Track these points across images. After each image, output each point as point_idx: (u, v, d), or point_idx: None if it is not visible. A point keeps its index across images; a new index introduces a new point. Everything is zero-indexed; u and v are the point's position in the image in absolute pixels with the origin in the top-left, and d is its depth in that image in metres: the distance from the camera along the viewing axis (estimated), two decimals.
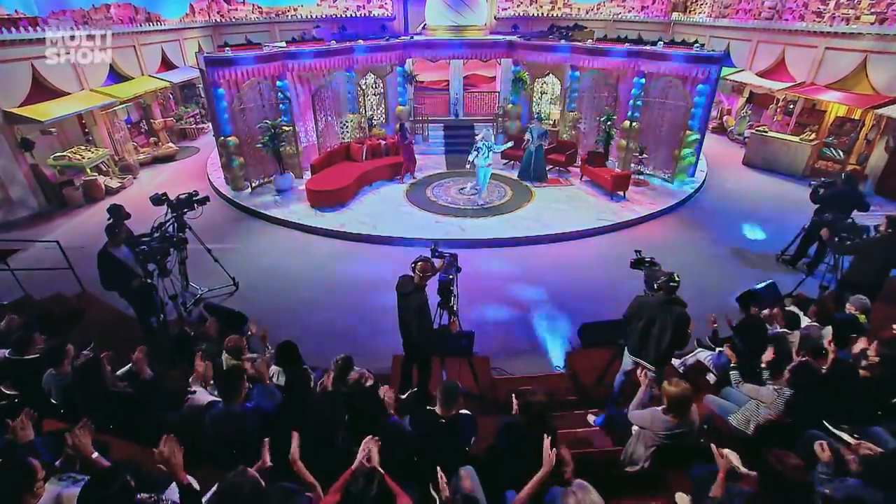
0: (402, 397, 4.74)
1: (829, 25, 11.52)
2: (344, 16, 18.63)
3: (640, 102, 10.99)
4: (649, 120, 11.29)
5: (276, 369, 4.10)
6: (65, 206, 10.51)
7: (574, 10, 18.97)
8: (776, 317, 4.50)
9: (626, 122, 11.17)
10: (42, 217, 10.09)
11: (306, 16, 18.35)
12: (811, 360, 3.67)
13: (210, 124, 14.72)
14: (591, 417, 4.39)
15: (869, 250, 5.74)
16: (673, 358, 4.78)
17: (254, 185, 10.92)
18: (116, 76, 12.32)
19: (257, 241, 9.07)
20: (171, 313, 5.78)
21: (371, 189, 10.97)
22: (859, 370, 3.39)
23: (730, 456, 3.14)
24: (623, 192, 10.38)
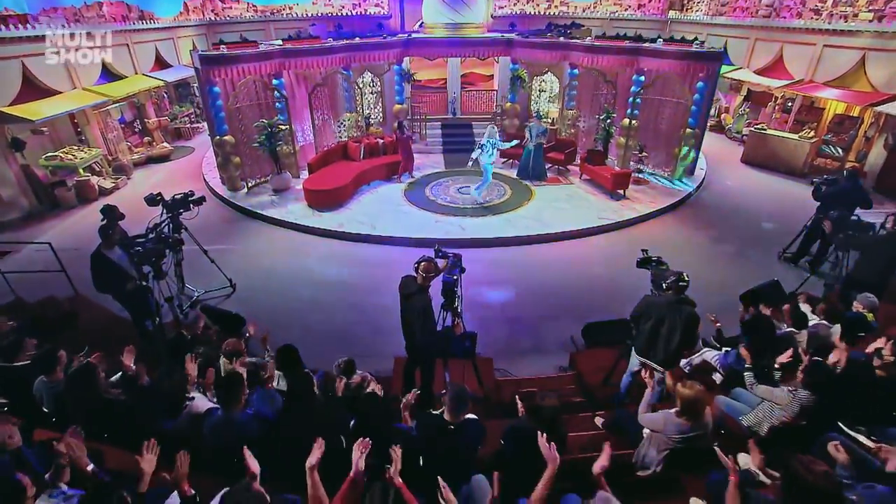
0: (403, 400, 4.63)
1: (827, 23, 11.52)
2: (339, 14, 18.51)
3: (639, 100, 10.94)
4: (649, 118, 11.24)
5: (276, 373, 3.99)
6: (57, 207, 10.33)
7: (571, 9, 18.96)
8: (787, 313, 4.43)
9: (626, 119, 11.11)
10: (34, 218, 9.89)
11: (301, 14, 18.21)
12: (821, 359, 3.60)
13: (205, 123, 14.56)
14: (599, 420, 4.30)
15: (874, 248, 5.70)
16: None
17: (250, 184, 10.78)
18: (109, 75, 12.13)
19: (254, 242, 8.94)
20: (166, 316, 5.66)
21: (369, 189, 10.85)
22: (875, 370, 3.32)
23: (744, 458, 3.08)
24: (623, 191, 10.32)
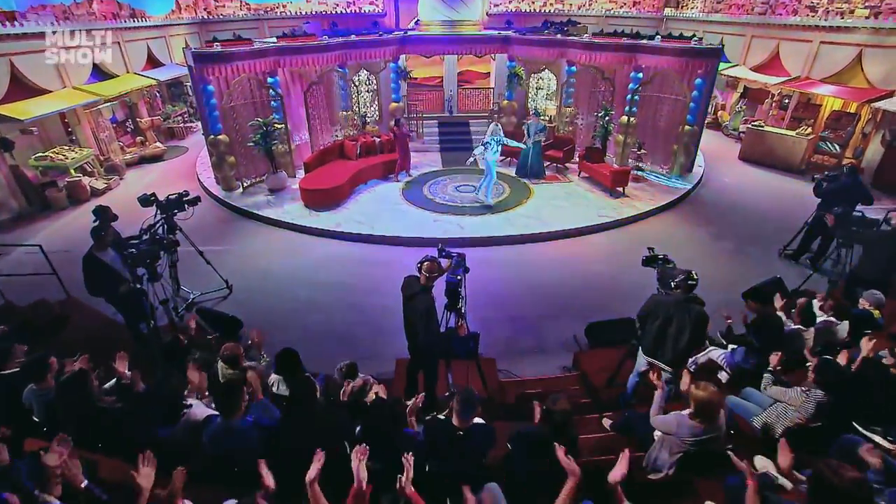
0: (409, 403, 4.54)
1: (823, 20, 11.51)
2: (333, 12, 18.35)
3: (637, 97, 10.88)
4: (647, 115, 11.18)
5: (275, 378, 3.88)
6: (47, 209, 10.11)
7: (566, 6, 18.91)
8: (798, 309, 4.37)
9: (624, 117, 11.06)
10: (23, 220, 9.68)
11: (295, 12, 18.05)
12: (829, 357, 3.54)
13: (199, 123, 14.35)
14: (607, 422, 4.22)
15: (878, 244, 5.66)
16: None
17: (245, 184, 10.62)
18: (100, 74, 11.93)
19: (251, 243, 8.80)
20: (161, 319, 5.52)
21: (366, 188, 10.73)
22: (889, 368, 3.26)
23: (761, 461, 3.01)
24: (622, 188, 10.27)
